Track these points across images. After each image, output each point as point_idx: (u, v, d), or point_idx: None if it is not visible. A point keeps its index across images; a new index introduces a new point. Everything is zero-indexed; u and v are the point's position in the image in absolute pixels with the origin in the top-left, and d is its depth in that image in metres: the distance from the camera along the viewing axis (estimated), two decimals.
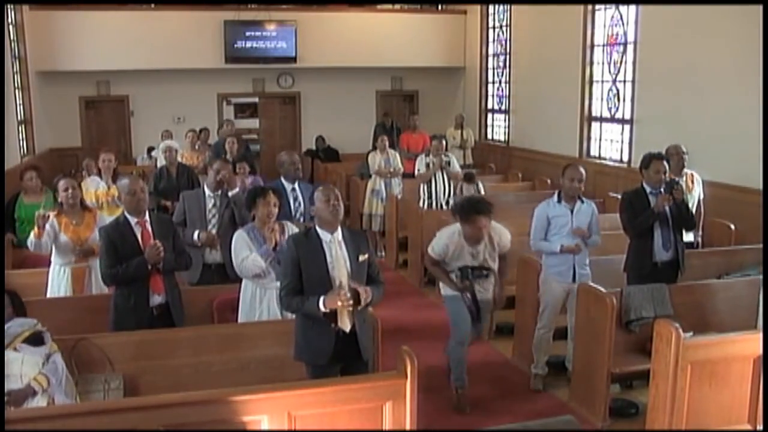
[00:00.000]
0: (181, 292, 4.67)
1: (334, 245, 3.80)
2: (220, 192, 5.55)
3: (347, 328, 3.79)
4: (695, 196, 6.22)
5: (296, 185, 5.88)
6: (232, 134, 9.81)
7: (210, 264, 5.40)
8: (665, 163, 5.42)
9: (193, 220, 5.44)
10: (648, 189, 5.38)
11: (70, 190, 5.11)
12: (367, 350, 3.92)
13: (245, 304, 4.68)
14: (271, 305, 4.62)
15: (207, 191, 5.57)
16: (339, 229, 3.85)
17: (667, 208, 5.30)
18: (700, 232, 6.34)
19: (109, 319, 4.49)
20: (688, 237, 6.11)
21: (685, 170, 6.22)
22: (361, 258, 3.84)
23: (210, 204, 5.50)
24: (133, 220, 4.46)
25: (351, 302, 3.66)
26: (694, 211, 6.16)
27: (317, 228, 3.85)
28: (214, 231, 5.40)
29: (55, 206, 5.28)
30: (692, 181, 6.23)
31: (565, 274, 5.29)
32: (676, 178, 5.52)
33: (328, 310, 3.68)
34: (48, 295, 5.07)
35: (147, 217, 4.52)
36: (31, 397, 3.58)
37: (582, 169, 5.32)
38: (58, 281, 5.11)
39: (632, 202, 5.39)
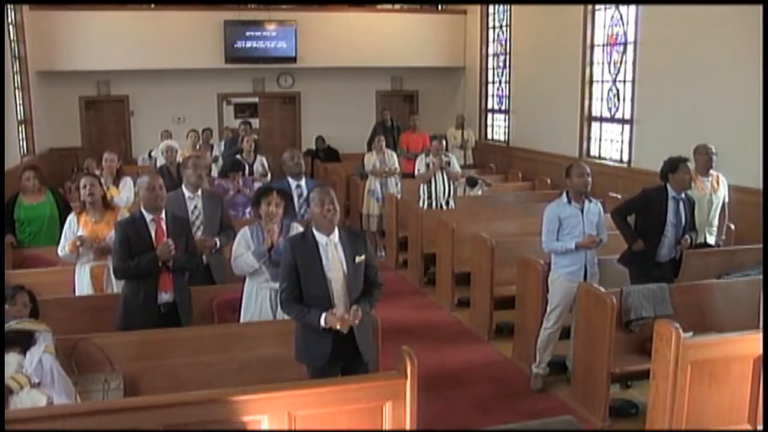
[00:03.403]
0: (191, 293, 4.67)
1: (330, 247, 3.81)
2: (200, 192, 5.39)
3: (345, 329, 3.78)
4: (720, 197, 6.16)
5: (302, 182, 5.84)
6: (248, 134, 9.87)
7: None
8: (689, 165, 5.44)
9: None
10: (671, 194, 5.36)
11: (87, 187, 5.04)
12: (366, 350, 3.92)
13: (246, 299, 4.71)
14: (264, 305, 4.62)
15: (186, 193, 5.35)
16: (336, 230, 3.85)
17: (682, 214, 5.34)
18: (723, 235, 6.31)
19: (118, 315, 4.51)
20: (710, 239, 6.15)
21: (712, 171, 6.14)
22: (358, 259, 3.84)
23: (192, 206, 5.31)
24: (148, 217, 4.49)
25: (354, 323, 3.69)
26: (718, 212, 6.17)
27: (313, 230, 3.85)
28: (200, 233, 5.21)
29: (77, 206, 5.22)
30: (717, 183, 6.16)
31: (576, 274, 5.27)
32: (688, 237, 5.40)
33: (328, 327, 3.70)
34: (77, 294, 5.08)
35: (163, 214, 4.54)
36: (12, 395, 3.53)
37: (586, 166, 5.34)
38: (81, 279, 5.10)
39: (650, 201, 5.38)
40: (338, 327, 3.68)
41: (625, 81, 9.47)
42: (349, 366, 3.88)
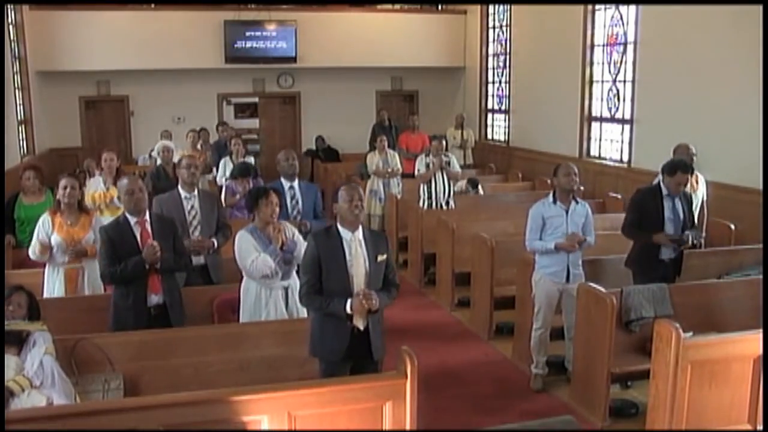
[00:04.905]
0: (182, 294, 4.65)
1: (354, 244, 3.85)
2: (196, 192, 5.34)
3: (362, 326, 3.82)
4: (699, 196, 6.20)
5: (295, 184, 5.82)
6: (234, 136, 9.78)
7: (194, 266, 5.18)
8: (689, 176, 5.44)
9: None
10: (665, 191, 5.37)
11: (68, 189, 5.06)
12: (378, 349, 3.94)
13: (248, 305, 4.64)
14: (278, 305, 4.59)
15: (183, 193, 5.29)
16: (360, 228, 3.90)
17: (679, 210, 5.34)
18: (703, 234, 6.32)
19: (109, 319, 4.49)
20: None
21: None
22: (380, 258, 3.89)
23: (188, 206, 5.25)
24: (132, 220, 4.47)
25: (376, 306, 3.73)
26: (697, 212, 6.18)
27: (338, 226, 3.90)
28: (197, 233, 5.18)
29: (53, 205, 5.25)
30: (696, 182, 6.21)
31: (559, 275, 5.28)
32: (689, 234, 5.33)
33: (352, 313, 3.74)
34: (44, 296, 5.04)
35: (147, 216, 4.52)
36: (13, 398, 3.53)
37: (573, 165, 5.33)
38: (52, 282, 5.09)
39: (644, 203, 5.37)
40: (364, 305, 3.70)
41: (625, 81, 9.47)
42: (360, 364, 3.90)
